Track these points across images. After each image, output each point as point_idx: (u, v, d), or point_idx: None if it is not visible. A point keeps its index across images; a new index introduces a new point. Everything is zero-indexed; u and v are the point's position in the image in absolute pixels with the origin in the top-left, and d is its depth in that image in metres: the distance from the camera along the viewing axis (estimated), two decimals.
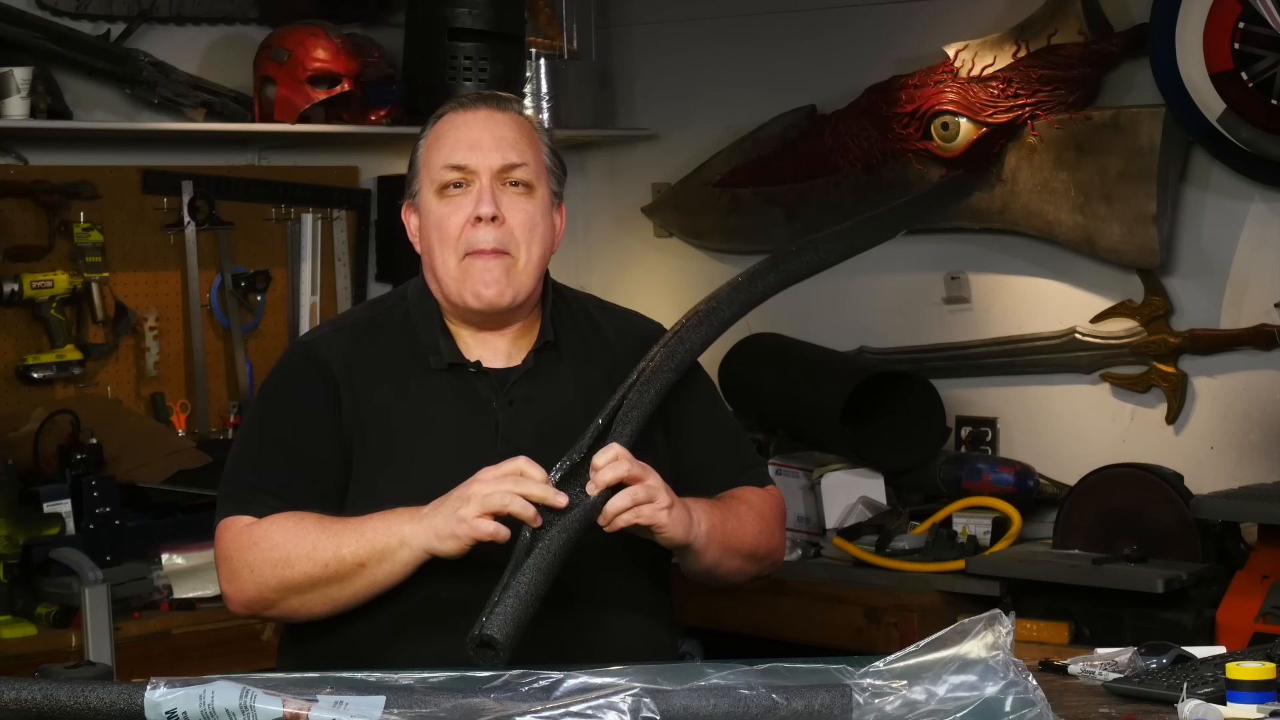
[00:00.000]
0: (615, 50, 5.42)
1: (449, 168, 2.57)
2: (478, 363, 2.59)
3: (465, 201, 2.56)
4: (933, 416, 4.69)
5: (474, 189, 2.56)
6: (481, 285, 2.55)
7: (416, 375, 2.59)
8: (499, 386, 2.58)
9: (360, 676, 2.10)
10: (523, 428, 2.55)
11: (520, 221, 2.56)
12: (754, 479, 2.72)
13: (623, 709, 1.91)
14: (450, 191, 2.57)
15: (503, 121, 2.59)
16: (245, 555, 2.48)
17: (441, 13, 4.78)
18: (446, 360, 2.59)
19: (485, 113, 2.60)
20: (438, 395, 2.57)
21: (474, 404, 2.57)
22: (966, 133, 4.62)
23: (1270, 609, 3.83)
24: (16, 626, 3.89)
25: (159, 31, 4.70)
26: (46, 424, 4.28)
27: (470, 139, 2.58)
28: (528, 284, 2.58)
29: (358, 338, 2.63)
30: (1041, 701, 1.96)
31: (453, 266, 2.56)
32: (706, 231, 5.27)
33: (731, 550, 2.60)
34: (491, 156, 2.56)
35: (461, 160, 2.57)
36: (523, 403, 2.58)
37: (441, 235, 2.57)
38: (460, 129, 2.59)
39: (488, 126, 2.58)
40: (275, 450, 2.56)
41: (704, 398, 2.75)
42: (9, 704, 1.99)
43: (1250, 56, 4.18)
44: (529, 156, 2.59)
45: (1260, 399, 4.37)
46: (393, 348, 2.61)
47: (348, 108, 4.75)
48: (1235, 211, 4.38)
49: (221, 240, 4.82)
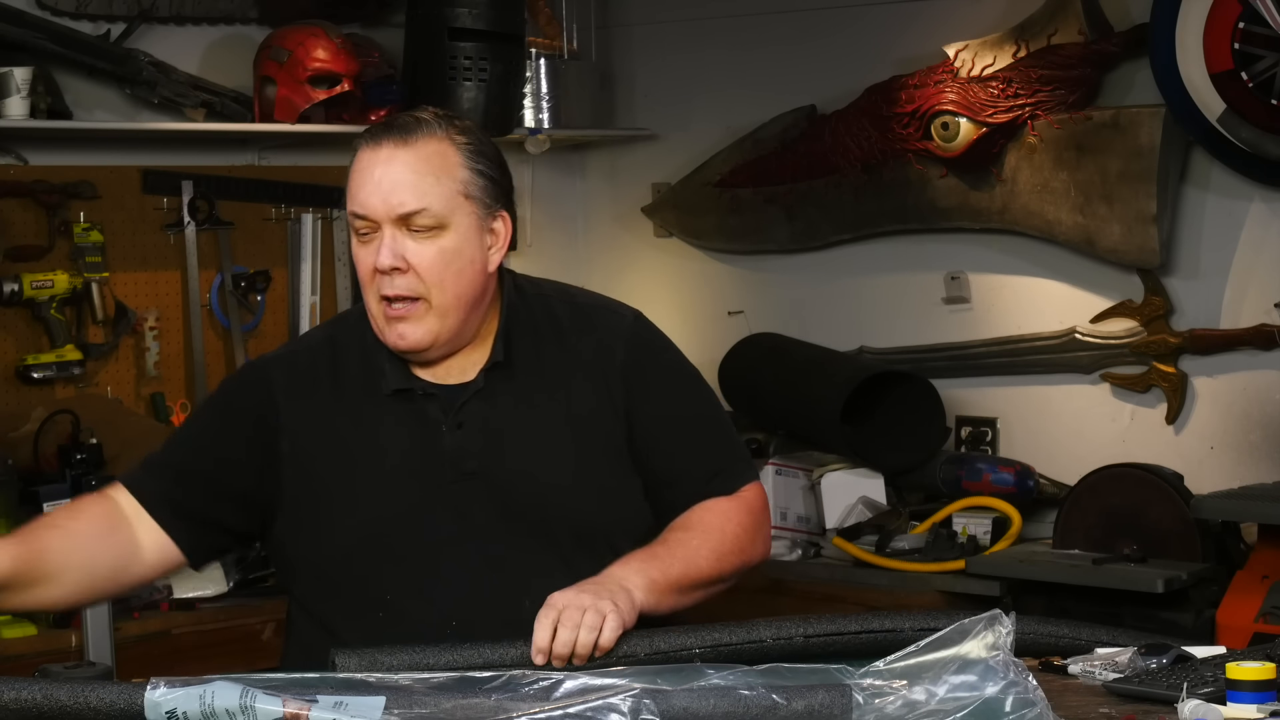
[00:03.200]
0: (615, 50, 5.41)
1: (354, 215, 2.49)
2: (425, 385, 2.54)
3: (372, 247, 2.48)
4: (933, 416, 4.69)
5: (377, 237, 2.47)
6: (396, 335, 2.49)
7: (367, 400, 2.54)
8: (448, 408, 2.53)
9: (360, 677, 2.10)
10: (471, 450, 2.51)
11: (427, 265, 2.46)
12: (723, 486, 2.59)
13: (623, 710, 1.91)
14: (360, 238, 2.50)
15: (404, 162, 2.45)
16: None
17: (441, 13, 4.78)
18: (392, 386, 2.54)
19: (387, 150, 2.46)
20: (387, 420, 2.53)
21: (424, 427, 2.52)
22: (966, 133, 4.62)
23: (1270, 609, 3.83)
24: (16, 626, 3.89)
25: (159, 31, 4.70)
26: (46, 424, 4.28)
27: (370, 185, 2.46)
28: (449, 323, 2.49)
29: (313, 362, 2.59)
30: (1041, 701, 1.96)
31: (374, 308, 2.51)
32: (706, 231, 5.26)
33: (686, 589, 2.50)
34: (390, 204, 2.45)
35: (361, 210, 2.48)
36: (472, 423, 2.52)
37: (361, 277, 2.51)
38: (364, 171, 2.48)
39: (388, 169, 2.45)
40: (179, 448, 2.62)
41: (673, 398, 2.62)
42: (9, 704, 1.99)
43: (1250, 56, 4.18)
44: (431, 196, 2.45)
45: (1260, 399, 4.37)
46: (346, 372, 2.57)
47: (348, 108, 4.75)
48: (1235, 211, 4.38)
49: (221, 240, 4.82)
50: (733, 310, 5.12)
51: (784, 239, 5.10)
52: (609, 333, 2.60)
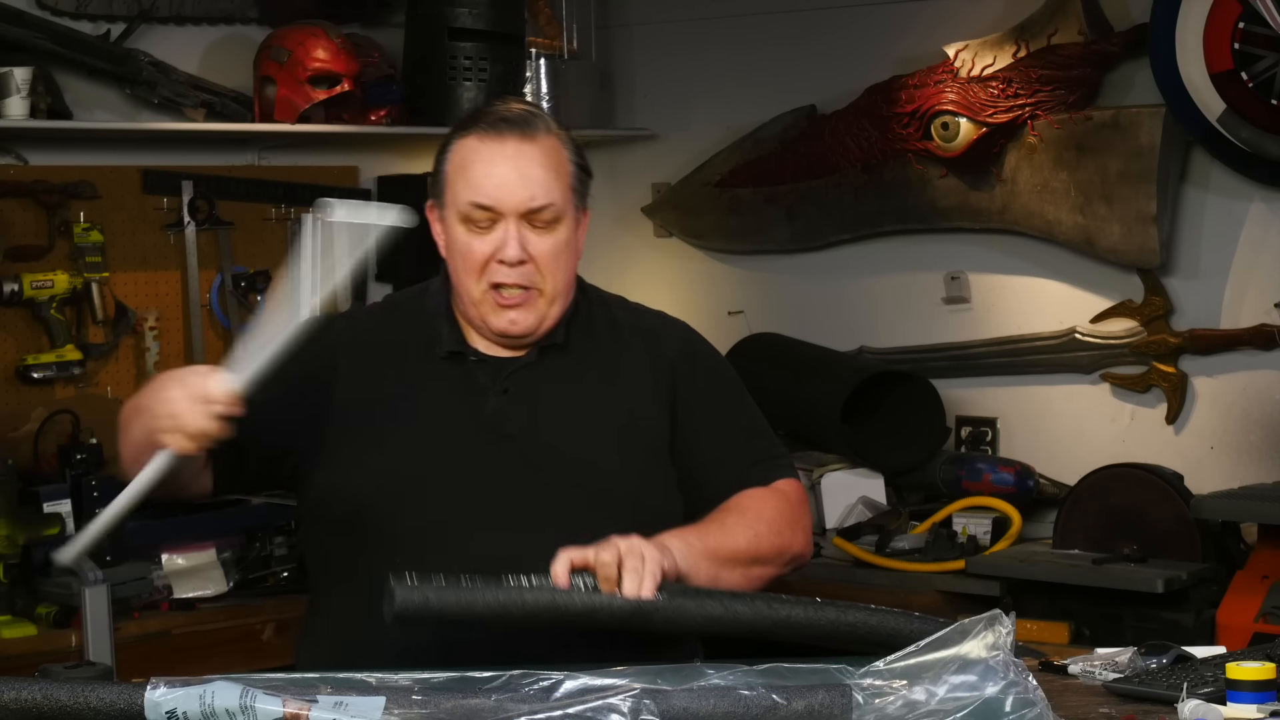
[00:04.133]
0: (615, 50, 5.41)
1: (475, 206, 2.53)
2: (478, 352, 2.60)
3: (491, 237, 2.54)
4: (933, 416, 4.69)
5: (499, 228, 2.53)
6: (508, 322, 2.55)
7: (419, 361, 2.61)
8: (496, 376, 2.59)
9: (360, 677, 2.10)
10: (513, 415, 2.56)
11: (546, 257, 2.54)
12: (761, 476, 2.65)
13: (623, 710, 1.91)
14: (475, 227, 2.55)
15: (531, 157, 2.54)
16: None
17: (441, 13, 4.78)
18: (447, 348, 2.60)
19: (514, 145, 2.54)
20: (435, 379, 2.59)
21: (469, 390, 2.58)
22: (966, 133, 4.62)
23: (1270, 609, 3.83)
24: (16, 626, 3.89)
25: (159, 31, 4.70)
26: (46, 424, 4.28)
27: (497, 178, 2.52)
28: (554, 311, 2.58)
29: (376, 322, 2.69)
30: (1041, 701, 1.96)
31: (476, 294, 2.56)
32: (706, 231, 5.26)
33: (723, 561, 2.51)
34: (519, 198, 2.52)
35: (488, 202, 2.53)
36: (518, 391, 2.58)
37: (466, 264, 2.56)
38: (487, 164, 2.53)
39: (516, 164, 2.53)
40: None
41: (718, 396, 2.71)
42: (9, 704, 1.99)
43: (1250, 56, 4.18)
44: (555, 191, 2.54)
45: (1260, 399, 4.37)
46: (403, 334, 2.63)
47: (348, 108, 4.75)
48: (1235, 211, 4.38)
49: (221, 240, 4.82)
50: (733, 310, 5.12)
51: (784, 239, 5.11)
52: (664, 332, 2.72)
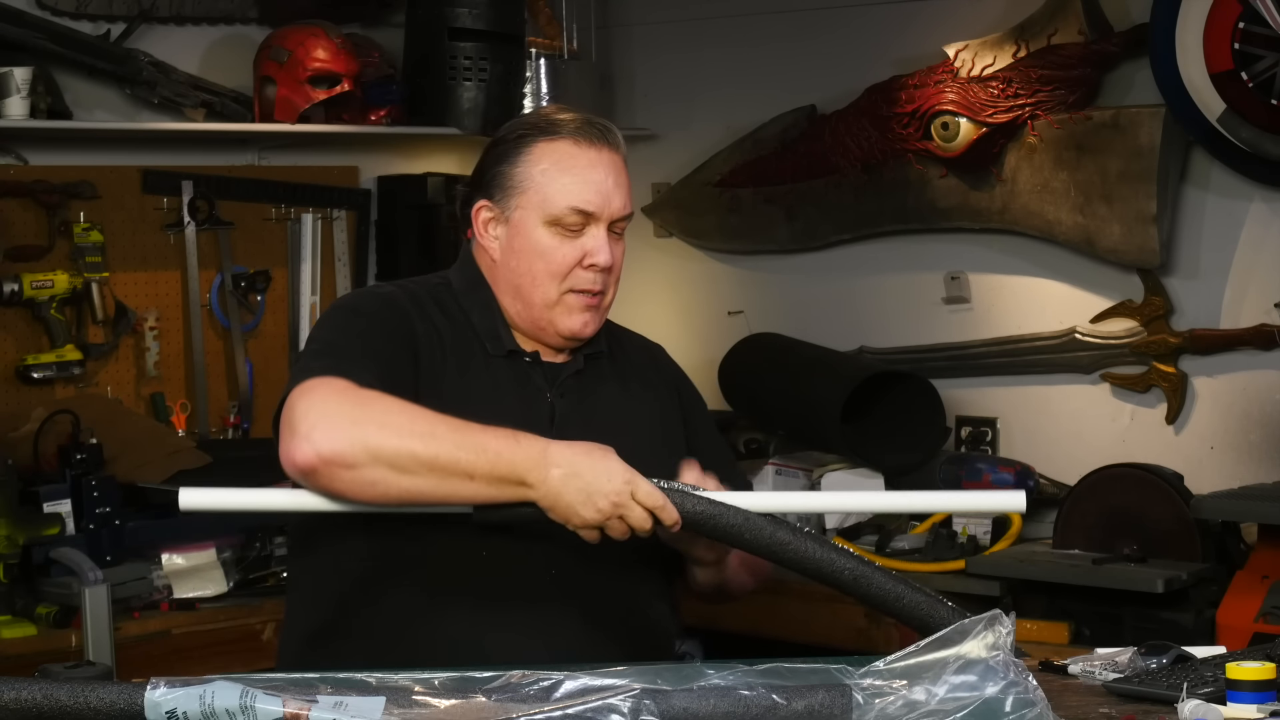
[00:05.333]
0: (615, 50, 5.42)
1: (574, 210, 2.56)
2: (535, 353, 2.63)
3: (579, 242, 2.57)
4: (933, 416, 4.69)
5: (587, 234, 2.57)
6: (581, 324, 2.60)
7: (475, 355, 2.60)
8: (551, 378, 2.63)
9: (360, 677, 2.10)
10: (574, 418, 2.60)
11: (617, 263, 2.62)
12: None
13: (623, 710, 1.91)
14: (566, 231, 2.57)
15: (620, 166, 2.61)
16: (351, 409, 2.35)
17: (441, 13, 4.79)
18: (506, 348, 2.62)
19: (608, 153, 2.59)
20: (495, 373, 2.60)
21: (529, 390, 2.61)
22: (966, 133, 4.62)
23: (1270, 609, 3.83)
24: (16, 626, 3.89)
25: (159, 31, 4.70)
26: (46, 424, 4.28)
27: (597, 183, 2.57)
28: (607, 315, 2.67)
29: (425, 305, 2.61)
30: (1041, 701, 1.95)
31: (553, 296, 2.59)
32: (706, 231, 5.26)
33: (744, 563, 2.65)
34: (615, 205, 2.59)
35: (590, 207, 2.57)
36: (573, 395, 2.63)
37: (548, 267, 2.58)
38: (588, 169, 2.57)
39: (610, 171, 2.59)
40: (357, 344, 2.50)
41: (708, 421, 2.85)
42: (9, 704, 1.99)
43: (1250, 56, 4.18)
44: (631, 202, 2.64)
45: (1260, 399, 4.37)
46: (452, 324, 2.62)
47: (348, 108, 4.75)
48: (1235, 211, 4.38)
49: (221, 240, 4.82)
50: (733, 310, 5.12)
51: (784, 239, 5.11)
52: (656, 352, 2.84)
